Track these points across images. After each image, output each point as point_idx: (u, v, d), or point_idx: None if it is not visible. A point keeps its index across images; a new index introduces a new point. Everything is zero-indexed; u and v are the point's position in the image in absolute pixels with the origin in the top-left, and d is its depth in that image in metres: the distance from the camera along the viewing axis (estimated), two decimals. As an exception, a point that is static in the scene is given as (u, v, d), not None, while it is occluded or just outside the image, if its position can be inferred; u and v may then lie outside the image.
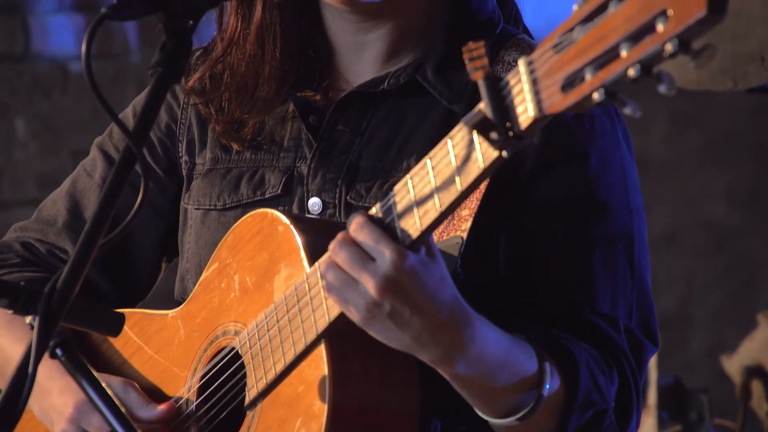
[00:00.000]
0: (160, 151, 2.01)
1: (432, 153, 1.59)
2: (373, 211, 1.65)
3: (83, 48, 1.53)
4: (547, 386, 1.69)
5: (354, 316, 1.63)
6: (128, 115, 2.04)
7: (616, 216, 1.81)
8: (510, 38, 1.90)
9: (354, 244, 1.61)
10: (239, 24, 1.92)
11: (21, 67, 4.03)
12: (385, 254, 1.59)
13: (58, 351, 1.69)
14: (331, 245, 1.63)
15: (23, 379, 1.49)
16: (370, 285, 1.59)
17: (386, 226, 1.62)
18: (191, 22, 1.61)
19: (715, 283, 5.13)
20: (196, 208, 1.96)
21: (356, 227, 1.62)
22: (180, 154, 2.00)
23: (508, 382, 1.67)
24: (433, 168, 1.58)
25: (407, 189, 1.61)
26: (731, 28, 2.96)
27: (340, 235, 1.63)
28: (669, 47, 1.32)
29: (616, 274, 1.81)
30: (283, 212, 1.78)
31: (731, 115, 4.98)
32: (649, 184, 5.11)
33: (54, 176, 2.14)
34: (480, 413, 1.71)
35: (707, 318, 5.18)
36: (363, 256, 1.60)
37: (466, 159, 1.54)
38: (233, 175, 1.94)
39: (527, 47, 1.88)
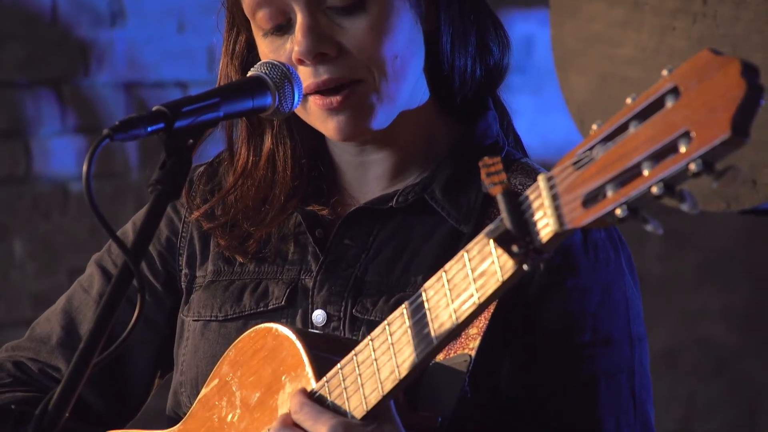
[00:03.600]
0: (159, 265, 2.01)
1: (447, 266, 1.59)
2: (388, 322, 1.65)
3: (84, 168, 1.55)
4: None
5: None
6: (128, 231, 2.04)
7: (619, 348, 1.83)
8: (514, 162, 1.93)
9: (295, 426, 1.66)
10: (250, 155, 1.94)
11: (21, 189, 4.05)
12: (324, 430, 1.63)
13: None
14: (274, 425, 1.67)
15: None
16: None
17: (400, 339, 1.61)
18: (191, 141, 1.64)
19: (715, 405, 5.08)
20: (195, 320, 1.95)
21: (296, 407, 1.66)
22: (180, 267, 2.00)
23: None
24: (448, 281, 1.59)
25: (423, 301, 1.61)
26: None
27: (281, 417, 1.68)
28: (693, 167, 1.34)
29: (620, 407, 1.81)
30: (288, 326, 1.78)
31: (725, 235, 5.01)
32: (647, 302, 5.10)
33: (49, 296, 2.14)
34: None
35: (709, 440, 5.12)
36: None
37: (484, 272, 1.54)
38: (236, 286, 1.94)
39: (532, 171, 1.90)
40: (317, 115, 1.85)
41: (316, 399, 1.69)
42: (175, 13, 4.21)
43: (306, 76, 1.83)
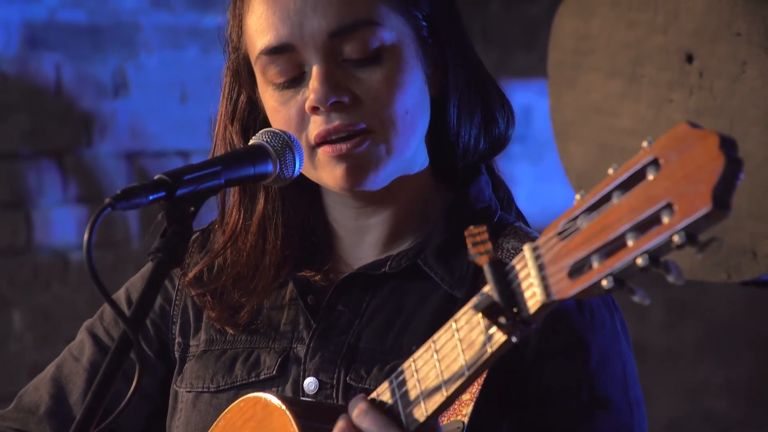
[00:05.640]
0: (152, 333, 1.99)
1: (436, 336, 1.58)
2: (377, 393, 1.64)
3: (85, 237, 1.54)
4: None
5: None
6: (121, 297, 2.02)
7: (618, 412, 1.81)
8: (507, 226, 1.92)
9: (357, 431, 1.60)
10: (241, 218, 1.93)
11: (22, 259, 4.05)
12: None
13: None
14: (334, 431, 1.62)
15: None
16: None
17: (390, 411, 1.61)
18: (192, 208, 1.64)
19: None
20: (187, 391, 1.93)
21: (359, 413, 1.61)
22: (173, 336, 1.98)
23: None
24: (437, 351, 1.58)
25: (412, 372, 1.60)
26: (722, 221, 2.99)
27: (342, 422, 1.62)
28: (676, 239, 1.34)
29: None
30: (278, 396, 1.75)
31: (727, 306, 4.99)
32: (649, 374, 5.07)
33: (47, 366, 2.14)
34: None
35: None
36: None
37: (472, 343, 1.54)
38: (228, 356, 1.93)
39: (525, 236, 1.90)
40: (325, 164, 1.84)
41: None
42: (177, 84, 4.25)
43: (318, 124, 1.83)
